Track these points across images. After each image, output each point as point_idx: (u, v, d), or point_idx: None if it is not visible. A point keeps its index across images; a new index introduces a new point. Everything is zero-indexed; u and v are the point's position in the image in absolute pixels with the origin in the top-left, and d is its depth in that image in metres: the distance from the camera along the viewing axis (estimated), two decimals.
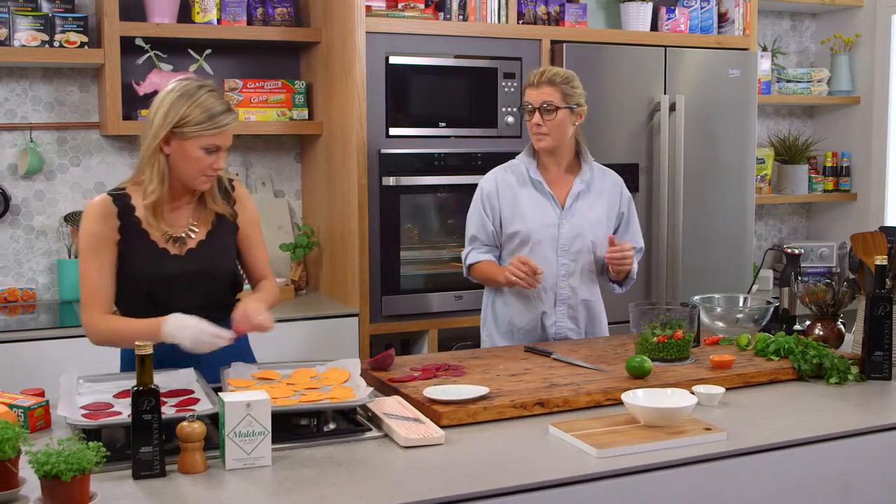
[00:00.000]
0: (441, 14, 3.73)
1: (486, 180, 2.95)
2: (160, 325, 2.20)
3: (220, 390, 2.11)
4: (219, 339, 2.20)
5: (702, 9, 4.19)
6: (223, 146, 2.31)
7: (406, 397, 2.18)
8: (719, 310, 2.85)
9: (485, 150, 3.71)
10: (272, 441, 1.83)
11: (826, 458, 2.06)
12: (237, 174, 3.96)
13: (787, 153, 4.83)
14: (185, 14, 3.66)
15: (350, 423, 2.06)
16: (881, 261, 2.43)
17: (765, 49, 4.79)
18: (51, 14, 3.47)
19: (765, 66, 4.62)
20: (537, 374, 2.37)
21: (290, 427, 2.00)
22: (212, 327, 2.20)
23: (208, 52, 3.74)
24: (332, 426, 2.03)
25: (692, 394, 2.13)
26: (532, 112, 2.81)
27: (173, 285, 2.34)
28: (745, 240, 4.19)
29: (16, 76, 3.66)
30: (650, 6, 4.07)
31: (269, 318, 2.29)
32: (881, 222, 4.60)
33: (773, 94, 4.70)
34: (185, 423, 1.78)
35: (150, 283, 2.32)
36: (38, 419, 2.01)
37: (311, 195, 4.02)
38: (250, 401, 1.79)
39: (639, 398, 2.06)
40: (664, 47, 3.96)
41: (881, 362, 2.44)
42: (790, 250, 3.00)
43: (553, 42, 3.79)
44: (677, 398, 2.06)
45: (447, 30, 3.66)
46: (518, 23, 3.81)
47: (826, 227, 5.05)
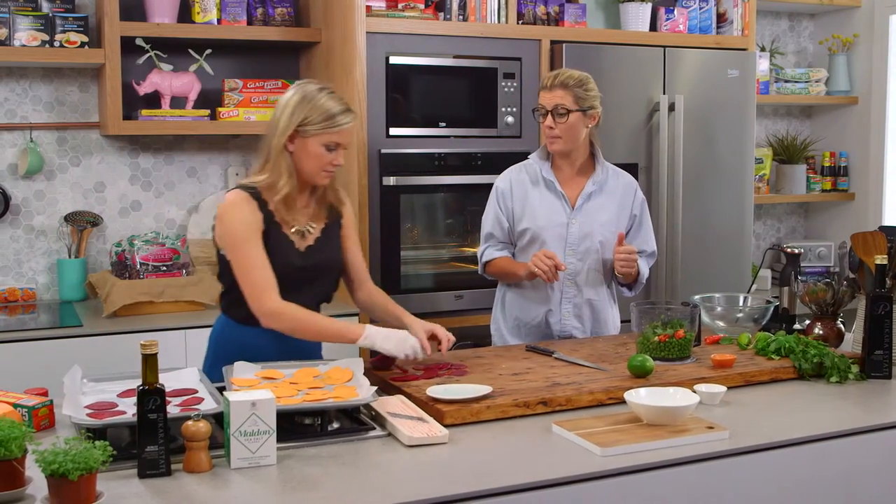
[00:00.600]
0: (441, 14, 3.73)
1: (501, 179, 2.98)
2: (360, 330, 2.35)
3: (223, 390, 2.13)
4: (419, 351, 2.37)
5: (700, 9, 4.19)
6: (343, 143, 2.46)
7: (409, 396, 2.19)
8: (719, 309, 2.85)
9: (485, 150, 3.72)
10: (276, 440, 1.83)
11: (828, 457, 2.07)
12: (237, 174, 3.96)
13: (786, 153, 4.84)
14: (185, 14, 3.66)
15: (354, 422, 2.06)
16: (881, 260, 2.45)
17: (763, 49, 4.80)
18: (51, 14, 3.47)
19: (763, 66, 4.63)
20: (539, 374, 2.38)
21: (293, 426, 2.00)
22: (412, 338, 2.36)
23: (208, 52, 3.74)
24: (335, 425, 2.03)
25: (694, 393, 2.14)
26: (545, 115, 2.82)
27: (297, 277, 2.46)
28: (744, 239, 4.20)
29: (16, 76, 3.65)
30: (649, 6, 4.08)
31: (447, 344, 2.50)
32: (879, 222, 4.62)
33: (771, 94, 4.71)
34: (190, 423, 1.78)
35: (281, 274, 2.42)
36: (43, 418, 2.01)
37: None
38: (255, 400, 1.79)
39: (641, 397, 2.07)
40: (663, 47, 3.97)
41: (881, 361, 2.45)
42: (790, 250, 3.02)
43: (553, 42, 3.80)
44: (680, 397, 2.06)
45: (447, 30, 3.67)
46: (518, 23, 3.81)
47: (824, 226, 5.06)
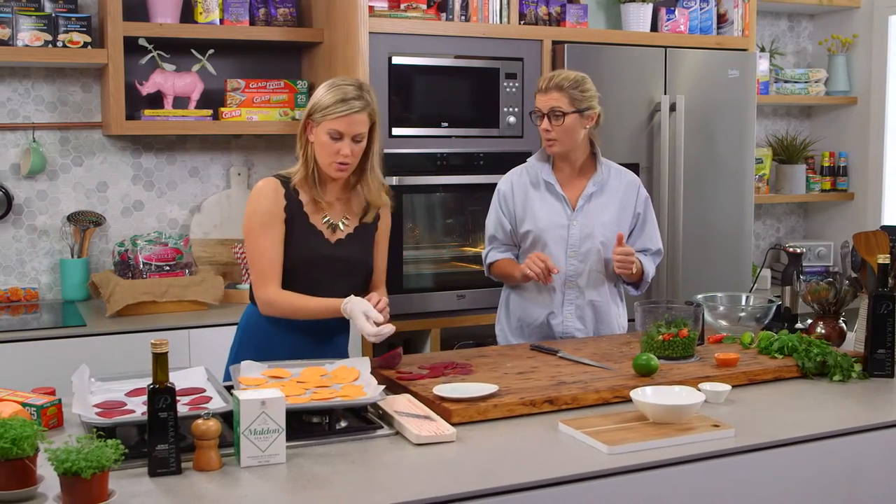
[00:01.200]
0: (443, 14, 3.74)
1: (503, 181, 2.98)
2: (339, 304, 2.36)
3: (230, 389, 2.14)
4: (373, 337, 2.31)
5: (701, 9, 4.21)
6: (346, 133, 2.38)
7: (416, 395, 2.19)
8: (722, 308, 2.87)
9: (487, 150, 3.73)
10: (285, 439, 1.84)
11: (831, 455, 2.08)
12: (239, 173, 3.97)
13: (785, 153, 4.85)
14: (187, 14, 3.67)
15: (361, 420, 2.07)
16: (884, 259, 2.46)
17: (763, 49, 4.81)
18: (54, 14, 3.47)
19: (763, 66, 4.65)
20: (545, 373, 2.39)
21: (301, 425, 2.01)
22: (371, 326, 2.31)
23: (211, 52, 3.74)
24: (343, 424, 2.04)
25: (699, 391, 2.14)
26: (541, 118, 2.82)
27: (326, 267, 2.48)
28: (744, 239, 4.21)
29: (19, 76, 3.66)
30: (650, 7, 4.09)
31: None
32: (878, 221, 4.64)
33: (770, 95, 4.73)
34: (200, 421, 1.79)
35: (306, 263, 2.44)
36: (51, 417, 2.02)
37: None
38: (265, 399, 1.80)
39: (647, 395, 2.08)
40: (664, 48, 3.98)
41: (884, 360, 2.46)
42: (792, 249, 3.03)
43: (554, 42, 3.81)
44: (685, 395, 2.08)
45: (449, 30, 3.68)
46: (519, 23, 3.83)
47: (823, 226, 5.08)
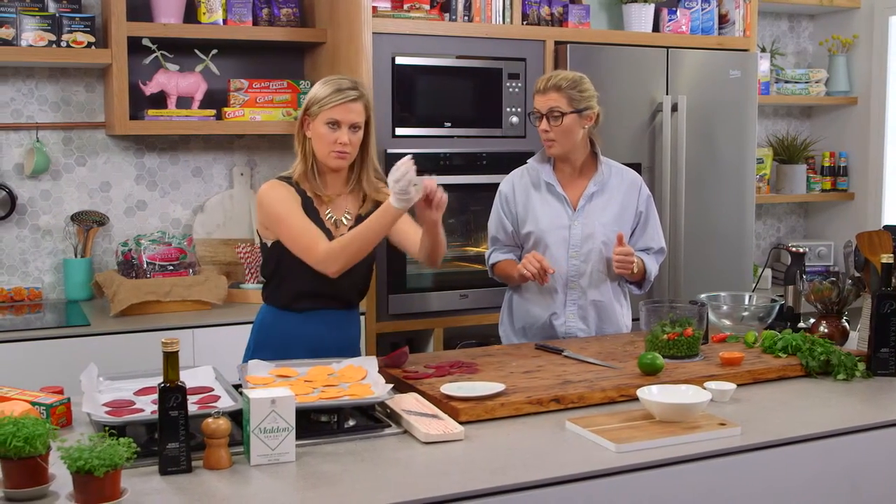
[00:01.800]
0: (446, 15, 3.75)
1: (504, 183, 2.98)
2: (387, 205, 2.33)
3: (237, 387, 2.14)
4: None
5: (702, 10, 4.22)
6: (343, 121, 2.46)
7: (423, 394, 2.20)
8: (725, 308, 2.88)
9: (489, 150, 3.74)
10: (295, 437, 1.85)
11: (837, 452, 2.09)
12: (242, 173, 3.97)
13: (786, 153, 4.87)
14: (191, 14, 3.68)
15: (369, 419, 2.08)
16: (887, 259, 2.47)
17: (763, 50, 4.82)
18: (58, 14, 3.47)
19: (763, 66, 4.66)
20: (550, 371, 2.40)
21: (309, 424, 2.02)
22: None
23: (214, 52, 3.75)
24: (351, 423, 2.05)
25: (705, 390, 2.15)
26: (540, 119, 2.83)
27: None
28: (745, 239, 4.22)
29: (22, 76, 3.66)
30: (652, 7, 4.10)
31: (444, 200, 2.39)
32: (878, 221, 4.65)
33: (771, 95, 4.74)
34: (210, 420, 1.79)
35: None
36: (60, 416, 2.03)
37: None
38: (275, 397, 1.81)
39: (654, 394, 2.09)
40: (666, 48, 3.99)
41: (887, 359, 2.47)
42: (795, 249, 3.04)
43: (557, 43, 3.82)
44: (692, 394, 2.09)
45: (452, 30, 3.69)
46: (522, 24, 3.83)
47: (823, 226, 5.10)
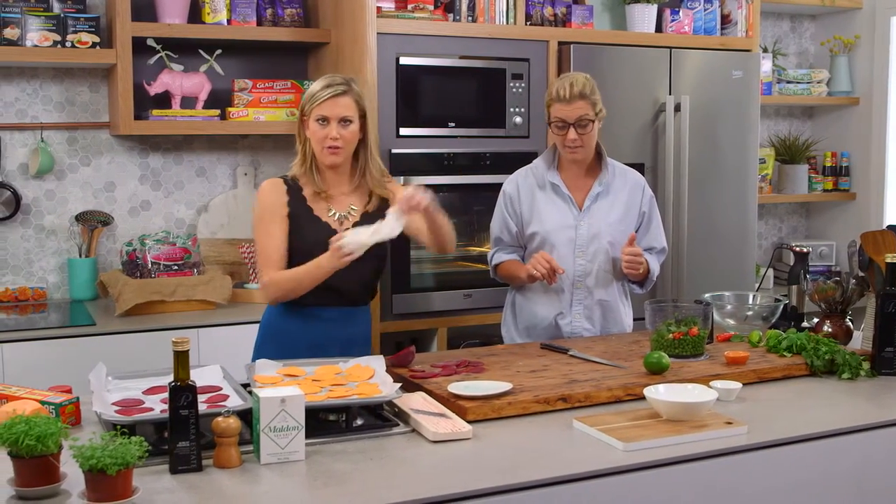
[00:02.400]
0: (450, 15, 3.75)
1: (508, 183, 2.97)
2: (327, 255, 2.40)
3: (245, 386, 2.15)
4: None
5: (705, 10, 4.23)
6: (331, 117, 2.51)
7: (430, 393, 2.21)
8: (729, 307, 2.89)
9: (493, 149, 3.75)
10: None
11: (842, 451, 2.10)
12: (246, 173, 3.98)
13: (788, 153, 4.88)
14: (195, 15, 3.69)
15: (377, 418, 2.09)
16: (892, 259, 2.48)
17: (765, 50, 4.83)
18: (62, 14, 3.48)
19: (765, 67, 4.67)
20: (556, 371, 2.41)
21: (318, 423, 2.02)
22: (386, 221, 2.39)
23: (218, 52, 3.76)
24: (359, 422, 2.05)
25: (711, 389, 2.16)
26: (564, 128, 2.77)
27: None
28: (748, 239, 4.23)
29: (27, 76, 3.67)
30: (655, 8, 4.11)
31: (427, 198, 2.42)
32: (880, 221, 4.66)
33: (773, 95, 4.75)
34: (220, 419, 1.80)
35: (313, 254, 2.48)
36: (70, 415, 2.03)
37: None
38: (285, 396, 1.82)
39: (661, 393, 2.10)
40: (669, 48, 4.00)
41: (892, 358, 2.48)
42: (798, 249, 3.05)
43: (560, 43, 3.83)
44: (698, 393, 2.10)
45: (456, 31, 3.70)
46: (525, 24, 3.84)
47: (825, 226, 5.11)
